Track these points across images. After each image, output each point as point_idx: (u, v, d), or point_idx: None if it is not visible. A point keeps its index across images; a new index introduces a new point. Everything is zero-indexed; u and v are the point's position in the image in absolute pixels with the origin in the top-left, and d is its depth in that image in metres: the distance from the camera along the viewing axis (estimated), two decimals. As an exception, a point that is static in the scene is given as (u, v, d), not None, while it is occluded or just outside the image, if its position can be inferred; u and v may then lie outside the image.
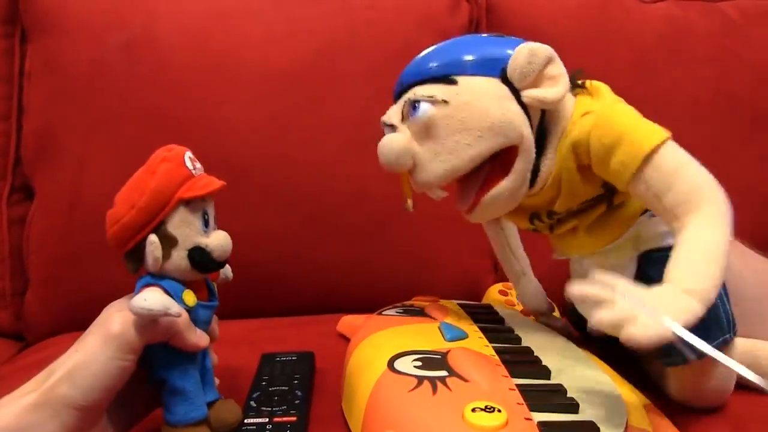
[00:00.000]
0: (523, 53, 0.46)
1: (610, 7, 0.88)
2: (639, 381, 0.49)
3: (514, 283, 0.63)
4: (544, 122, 0.48)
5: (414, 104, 0.47)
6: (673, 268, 0.41)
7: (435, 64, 0.49)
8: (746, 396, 0.52)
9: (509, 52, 0.47)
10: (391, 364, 0.45)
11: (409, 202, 0.52)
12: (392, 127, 0.50)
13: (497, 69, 0.47)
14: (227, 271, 0.51)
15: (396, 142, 0.48)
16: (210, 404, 0.46)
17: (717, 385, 0.50)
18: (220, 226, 0.47)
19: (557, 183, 0.49)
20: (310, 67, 0.81)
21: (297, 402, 0.49)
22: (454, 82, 0.47)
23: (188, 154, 0.45)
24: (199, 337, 0.44)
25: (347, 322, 0.68)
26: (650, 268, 0.50)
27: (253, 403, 0.49)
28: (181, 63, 0.78)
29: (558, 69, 0.47)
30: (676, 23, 0.89)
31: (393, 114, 0.50)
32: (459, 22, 0.87)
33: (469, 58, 0.48)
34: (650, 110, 0.49)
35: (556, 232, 0.54)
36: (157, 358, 0.43)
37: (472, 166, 0.47)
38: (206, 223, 0.44)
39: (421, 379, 0.42)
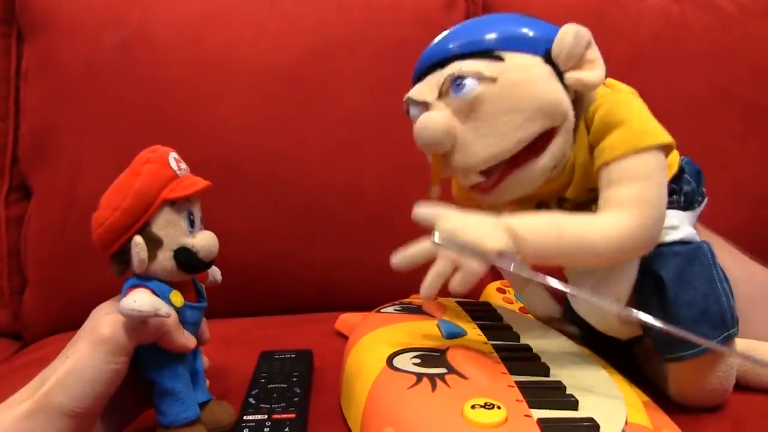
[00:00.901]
0: (570, 34, 0.45)
1: (607, 4, 0.89)
2: (638, 378, 0.49)
3: (520, 291, 0.61)
4: (574, 105, 0.47)
5: (457, 80, 0.45)
6: (537, 217, 0.44)
7: (475, 38, 0.46)
8: (746, 395, 0.53)
9: (551, 30, 0.46)
10: (389, 361, 0.45)
11: (435, 188, 0.49)
12: (424, 105, 0.47)
13: (541, 48, 0.46)
14: (215, 273, 0.50)
15: (437, 121, 0.45)
16: (202, 405, 0.46)
17: (717, 384, 0.49)
18: (216, 225, 0.47)
19: (571, 167, 0.49)
20: (305, 64, 0.81)
21: (296, 399, 0.49)
22: (500, 59, 0.45)
23: (173, 155, 0.45)
24: (187, 339, 0.44)
25: (345, 320, 0.68)
26: (655, 264, 0.49)
27: (252, 400, 0.49)
28: (176, 61, 0.78)
29: (596, 53, 0.46)
30: (673, 19, 0.89)
31: (425, 90, 0.47)
32: (455, 19, 0.86)
33: (513, 32, 0.46)
34: (648, 106, 0.49)
35: None
36: (146, 359, 0.43)
37: (519, 148, 0.45)
38: (192, 224, 0.44)
39: (420, 377, 0.42)
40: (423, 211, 0.45)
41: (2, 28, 0.82)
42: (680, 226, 0.51)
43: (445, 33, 0.49)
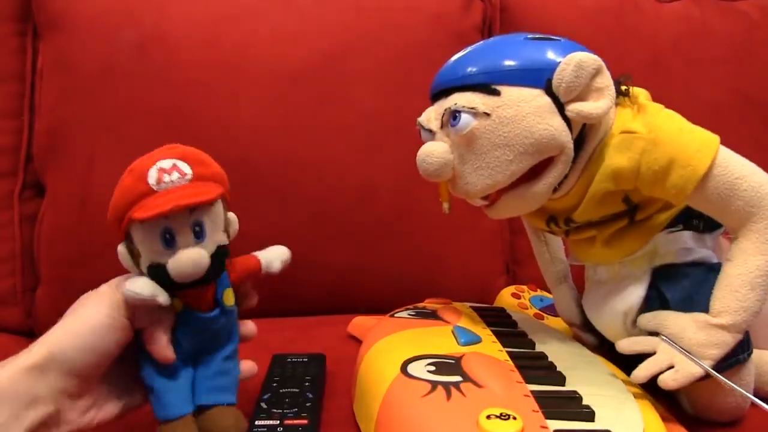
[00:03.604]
0: (571, 66, 0.44)
1: (626, 7, 0.87)
2: (654, 390, 0.48)
3: (552, 288, 0.61)
4: (582, 132, 0.47)
5: (454, 114, 0.46)
6: (715, 296, 0.46)
7: (475, 70, 0.47)
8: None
9: (554, 59, 0.45)
10: (404, 368, 0.45)
11: (445, 205, 0.51)
12: (430, 132, 0.49)
13: (542, 80, 0.45)
14: (271, 263, 0.50)
15: (436, 153, 0.47)
16: (204, 409, 0.45)
17: (733, 402, 0.49)
18: None
19: (581, 193, 0.48)
20: (320, 66, 0.80)
21: (308, 405, 0.48)
22: (496, 93, 0.45)
23: (160, 165, 0.42)
24: (165, 349, 0.43)
25: (358, 323, 0.68)
26: (663, 283, 0.49)
27: (264, 405, 0.48)
28: (191, 61, 0.78)
29: (605, 81, 0.45)
30: (693, 23, 0.88)
31: (432, 118, 0.49)
32: (472, 21, 0.86)
33: (511, 65, 0.46)
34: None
35: (572, 238, 0.53)
36: (139, 353, 0.44)
37: (513, 179, 0.46)
38: (168, 242, 0.42)
39: (434, 385, 0.41)
40: (648, 317, 0.49)
41: (18, 26, 0.82)
42: (694, 248, 0.51)
43: (458, 55, 0.49)
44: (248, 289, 0.50)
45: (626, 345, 0.48)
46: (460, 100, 0.46)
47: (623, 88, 0.48)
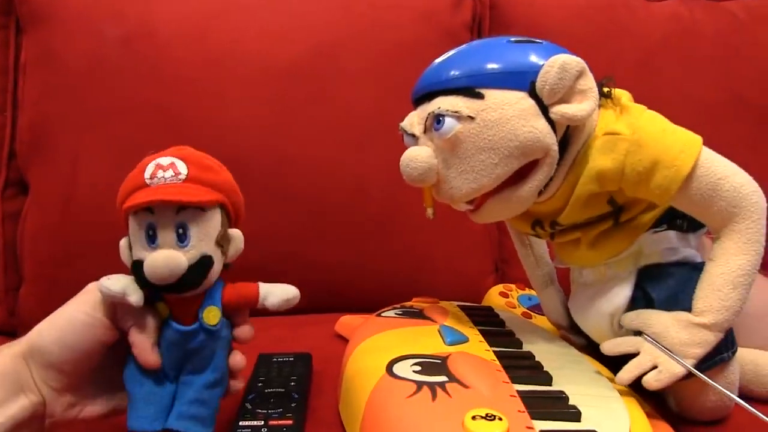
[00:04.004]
0: (554, 68, 0.44)
1: (615, 6, 0.88)
2: (640, 388, 0.48)
3: (538, 292, 0.61)
4: (566, 134, 0.47)
5: (438, 118, 0.46)
6: (698, 296, 0.46)
7: (458, 73, 0.46)
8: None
9: (537, 62, 0.45)
10: (389, 368, 0.44)
11: (429, 210, 0.51)
12: (413, 137, 0.48)
13: (525, 82, 0.45)
14: (271, 298, 0.45)
15: (420, 158, 0.46)
16: None
17: (718, 401, 0.49)
18: None
19: (566, 196, 0.48)
20: (310, 63, 0.80)
21: (293, 405, 0.48)
22: (480, 96, 0.45)
23: (158, 161, 0.42)
24: (147, 352, 0.42)
25: (345, 322, 0.67)
26: (648, 283, 0.49)
27: (248, 405, 0.48)
28: (178, 57, 0.77)
29: (588, 82, 0.45)
30: (682, 22, 0.88)
31: (414, 123, 0.48)
32: (462, 18, 0.86)
33: (495, 68, 0.45)
34: (656, 110, 0.48)
35: (557, 241, 0.53)
36: (127, 356, 0.43)
37: (498, 183, 0.46)
38: (151, 239, 0.41)
39: (420, 385, 0.41)
40: (631, 316, 0.49)
41: (0, 19, 0.81)
42: (678, 247, 0.51)
43: (439, 59, 0.49)
44: (244, 320, 0.46)
45: (610, 347, 0.49)
46: (443, 104, 0.46)
47: (605, 89, 0.48)
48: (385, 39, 0.82)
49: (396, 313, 0.58)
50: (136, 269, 0.41)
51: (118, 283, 0.40)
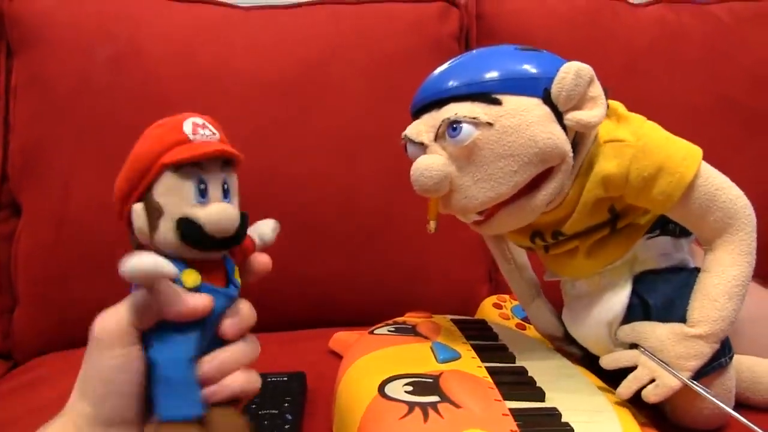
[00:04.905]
0: (570, 75, 0.43)
1: (601, 12, 0.88)
2: (634, 396, 0.48)
3: (526, 306, 0.60)
4: (573, 142, 0.46)
5: (453, 125, 0.44)
6: (693, 306, 0.46)
7: (471, 80, 0.45)
8: (746, 414, 0.51)
9: (549, 69, 0.45)
10: (381, 389, 0.44)
11: (432, 224, 0.49)
12: (421, 146, 0.47)
13: (539, 89, 0.44)
14: (264, 234, 0.44)
15: (435, 167, 0.44)
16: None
17: (714, 408, 0.48)
18: None
19: (572, 204, 0.48)
20: (298, 77, 0.80)
21: (287, 427, 0.48)
22: (497, 102, 0.44)
23: (193, 119, 0.40)
24: (197, 300, 0.37)
25: (340, 339, 0.67)
26: (645, 289, 0.49)
27: (242, 428, 0.48)
28: (167, 75, 0.77)
29: (598, 89, 0.45)
30: (669, 26, 0.88)
31: (422, 131, 0.47)
32: (449, 29, 0.86)
33: (510, 75, 0.45)
34: (644, 115, 0.48)
35: (552, 252, 0.53)
36: (150, 337, 0.37)
37: (516, 191, 0.45)
38: (202, 193, 0.38)
39: (412, 406, 0.41)
40: (627, 330, 0.49)
41: (-10, 43, 0.81)
42: (672, 253, 0.51)
43: (442, 68, 0.48)
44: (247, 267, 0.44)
45: (608, 362, 0.49)
46: (460, 110, 0.44)
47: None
48: (374, 50, 0.82)
49: (388, 331, 0.57)
50: (188, 226, 0.37)
51: (147, 260, 0.34)
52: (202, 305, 0.37)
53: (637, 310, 0.49)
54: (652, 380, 0.46)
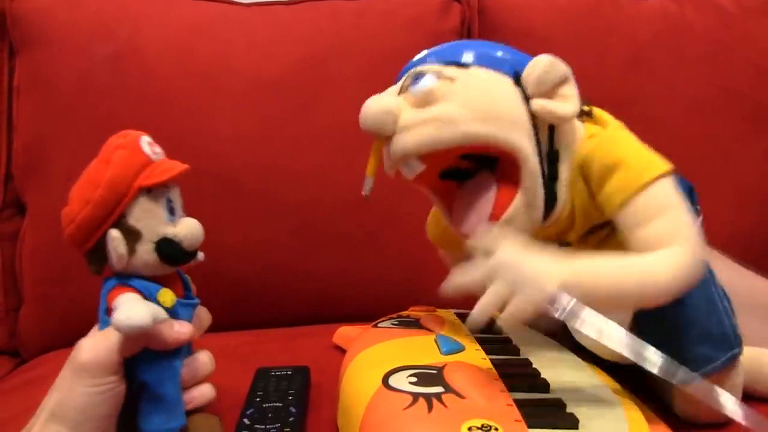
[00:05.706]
0: (543, 61, 0.44)
1: (603, 5, 0.87)
2: (643, 392, 0.48)
3: None
4: (553, 144, 0.46)
5: (417, 76, 0.45)
6: (594, 259, 0.41)
7: (447, 51, 0.47)
8: (754, 406, 0.51)
9: (524, 57, 0.46)
10: (385, 380, 0.44)
11: (369, 180, 0.49)
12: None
13: (511, 70, 0.45)
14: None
15: (380, 101, 0.45)
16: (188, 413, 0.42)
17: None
18: (210, 237, 0.44)
19: (572, 210, 0.48)
20: (298, 74, 0.80)
21: (291, 419, 0.48)
22: (465, 66, 0.45)
23: (145, 139, 0.42)
24: (180, 327, 0.40)
25: (343, 333, 0.67)
26: None
27: (246, 421, 0.48)
28: (168, 74, 0.78)
29: (572, 90, 0.45)
30: (672, 19, 0.88)
31: (390, 90, 0.48)
32: (450, 24, 0.86)
33: (484, 51, 0.46)
34: (647, 108, 0.48)
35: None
36: (138, 358, 0.40)
37: (459, 143, 0.44)
38: (172, 211, 0.41)
39: (416, 396, 0.41)
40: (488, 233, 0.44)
41: (-7, 43, 0.81)
42: None
43: (423, 52, 0.49)
44: None
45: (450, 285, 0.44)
46: (425, 68, 0.46)
47: (586, 108, 0.48)
48: (374, 46, 0.82)
49: (392, 324, 0.58)
50: (169, 245, 0.40)
51: (141, 313, 0.37)
52: (185, 335, 0.41)
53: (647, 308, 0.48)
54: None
